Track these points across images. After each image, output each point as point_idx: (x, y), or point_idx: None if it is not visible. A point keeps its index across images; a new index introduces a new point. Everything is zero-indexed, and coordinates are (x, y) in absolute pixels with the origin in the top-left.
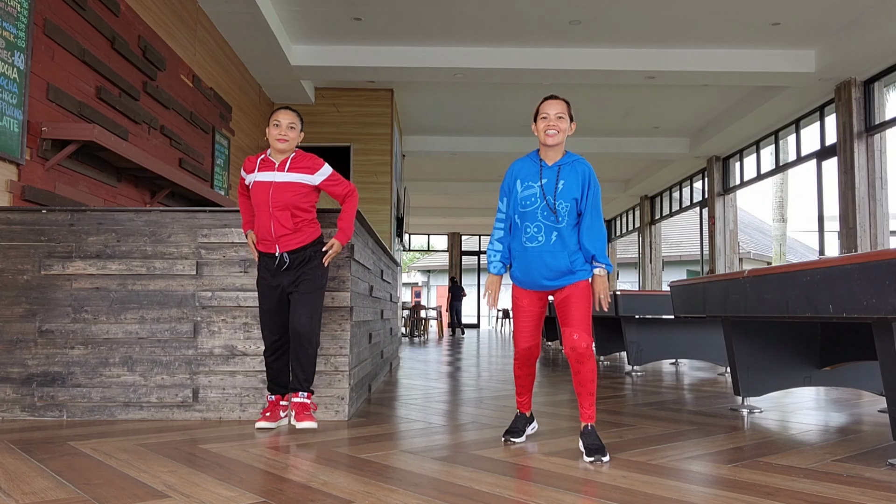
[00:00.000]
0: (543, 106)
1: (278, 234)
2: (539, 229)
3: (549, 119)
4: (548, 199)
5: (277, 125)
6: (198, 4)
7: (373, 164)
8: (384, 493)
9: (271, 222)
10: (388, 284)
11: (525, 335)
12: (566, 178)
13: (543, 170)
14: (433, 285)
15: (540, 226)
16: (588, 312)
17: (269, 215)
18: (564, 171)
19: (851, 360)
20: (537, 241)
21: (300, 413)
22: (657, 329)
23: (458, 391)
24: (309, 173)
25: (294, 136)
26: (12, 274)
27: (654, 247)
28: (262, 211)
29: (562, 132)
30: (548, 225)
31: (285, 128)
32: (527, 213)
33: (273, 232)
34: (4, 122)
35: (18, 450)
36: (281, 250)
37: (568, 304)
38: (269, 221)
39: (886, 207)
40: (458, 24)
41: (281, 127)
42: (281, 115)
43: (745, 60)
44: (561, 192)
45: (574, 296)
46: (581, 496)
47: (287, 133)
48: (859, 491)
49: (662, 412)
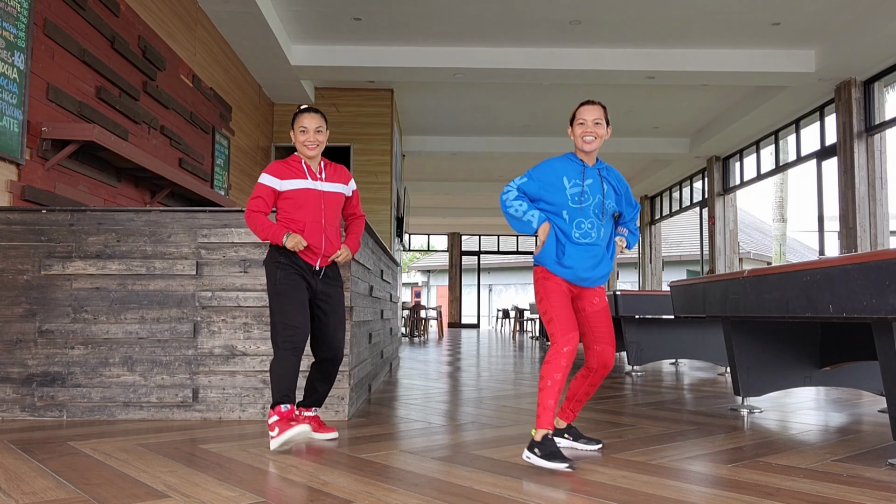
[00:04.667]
0: (581, 111)
1: (328, 251)
2: (592, 226)
3: (586, 125)
4: (605, 200)
5: (304, 130)
6: (198, 4)
7: (373, 164)
8: (384, 493)
9: (323, 236)
10: (388, 284)
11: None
12: (606, 182)
13: (587, 170)
14: (433, 285)
15: (594, 223)
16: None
17: (322, 229)
18: (604, 173)
19: (851, 360)
20: (591, 238)
21: (320, 427)
22: (657, 329)
23: (458, 391)
24: (344, 182)
25: (323, 139)
26: (12, 274)
27: (654, 247)
28: (314, 222)
29: (599, 138)
30: (598, 223)
31: (313, 132)
32: (580, 209)
33: (324, 247)
34: (4, 122)
35: (18, 450)
36: (322, 265)
37: (600, 317)
38: (322, 235)
39: (886, 207)
40: (458, 24)
41: (308, 132)
42: (306, 120)
43: (745, 60)
44: (608, 193)
45: (606, 310)
46: (581, 496)
47: (316, 137)
48: (859, 491)
49: (662, 412)
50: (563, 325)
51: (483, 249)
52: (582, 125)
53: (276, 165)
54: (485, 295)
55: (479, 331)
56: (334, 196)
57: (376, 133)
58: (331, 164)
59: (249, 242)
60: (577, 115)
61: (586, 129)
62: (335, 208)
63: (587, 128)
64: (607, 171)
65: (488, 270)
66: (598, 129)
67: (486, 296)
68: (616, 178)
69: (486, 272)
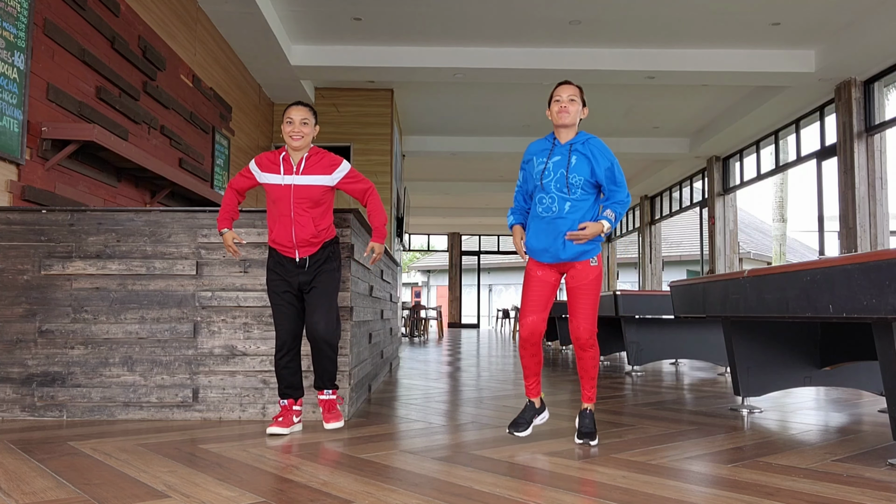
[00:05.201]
0: (557, 90)
1: (300, 241)
2: (553, 200)
3: (561, 101)
4: (562, 172)
5: (290, 122)
6: (198, 4)
7: (373, 164)
8: (384, 493)
9: (292, 228)
10: (388, 284)
11: (532, 306)
12: (578, 155)
13: (556, 147)
14: (433, 285)
15: (554, 196)
16: (595, 304)
17: (291, 221)
18: (577, 147)
19: (851, 360)
20: (551, 212)
21: (327, 412)
22: (657, 329)
23: (458, 391)
24: (326, 173)
25: (308, 131)
26: (12, 274)
27: (654, 247)
28: (283, 216)
29: (573, 113)
30: (561, 196)
31: (298, 124)
32: (541, 185)
33: (294, 239)
34: (4, 122)
35: (18, 450)
36: (301, 256)
37: (577, 294)
38: (290, 227)
39: (886, 207)
40: (458, 24)
41: (294, 124)
42: (293, 112)
43: (745, 60)
44: (574, 167)
45: (584, 287)
46: (581, 496)
47: (301, 129)
48: (859, 491)
49: (662, 412)
50: (524, 308)
51: (483, 249)
52: (557, 101)
53: (262, 157)
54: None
55: (479, 331)
56: (307, 189)
57: (376, 133)
58: (316, 155)
59: (249, 242)
60: (554, 94)
61: (561, 104)
62: (310, 200)
63: (562, 103)
64: (585, 144)
65: (488, 270)
66: (571, 105)
67: (486, 296)
68: (597, 149)
69: (486, 272)
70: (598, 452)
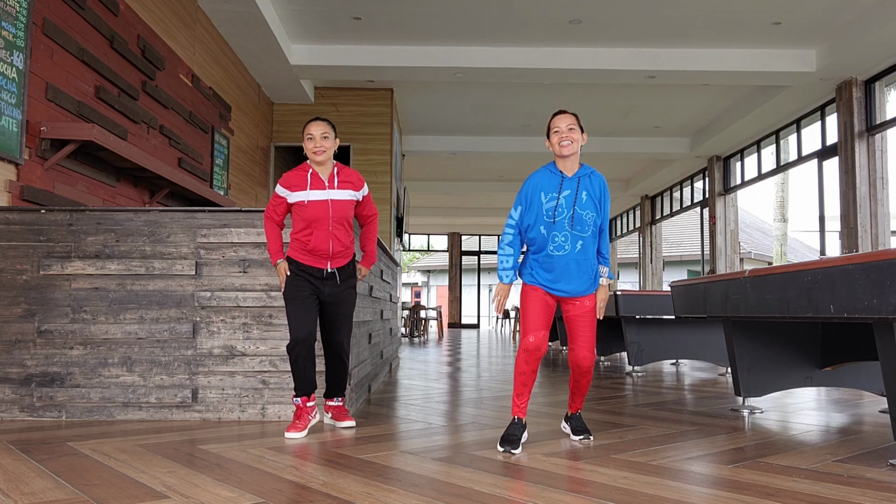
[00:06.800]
0: (554, 121)
1: (336, 251)
2: (566, 238)
3: (561, 132)
4: (576, 210)
5: (311, 138)
6: (197, 4)
7: (372, 164)
8: (384, 493)
9: (331, 240)
10: (388, 284)
11: (536, 323)
12: (587, 190)
13: (565, 181)
14: (433, 285)
15: (567, 235)
16: (595, 331)
17: (329, 233)
18: (584, 182)
19: (852, 360)
20: (564, 250)
21: (339, 414)
22: (658, 329)
23: (458, 392)
24: (355, 189)
25: (329, 145)
26: (11, 274)
27: (655, 247)
28: (321, 228)
29: (575, 142)
30: (574, 234)
31: (319, 139)
32: (554, 223)
33: (332, 249)
34: (3, 122)
35: (17, 450)
36: (332, 267)
37: (579, 322)
38: (329, 239)
39: (887, 207)
40: (458, 24)
41: (315, 139)
42: (313, 128)
43: (745, 60)
44: (585, 203)
45: (585, 316)
46: (581, 497)
47: (322, 144)
48: (860, 491)
49: (663, 413)
50: (528, 325)
51: (483, 249)
52: (557, 133)
53: (288, 176)
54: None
55: (479, 331)
56: (343, 203)
57: (376, 133)
58: (344, 170)
59: (249, 242)
60: (552, 125)
61: (561, 135)
62: (343, 213)
63: (562, 133)
64: (590, 178)
65: (488, 270)
66: (572, 133)
67: (486, 296)
68: (602, 189)
69: (487, 272)
70: (599, 453)
